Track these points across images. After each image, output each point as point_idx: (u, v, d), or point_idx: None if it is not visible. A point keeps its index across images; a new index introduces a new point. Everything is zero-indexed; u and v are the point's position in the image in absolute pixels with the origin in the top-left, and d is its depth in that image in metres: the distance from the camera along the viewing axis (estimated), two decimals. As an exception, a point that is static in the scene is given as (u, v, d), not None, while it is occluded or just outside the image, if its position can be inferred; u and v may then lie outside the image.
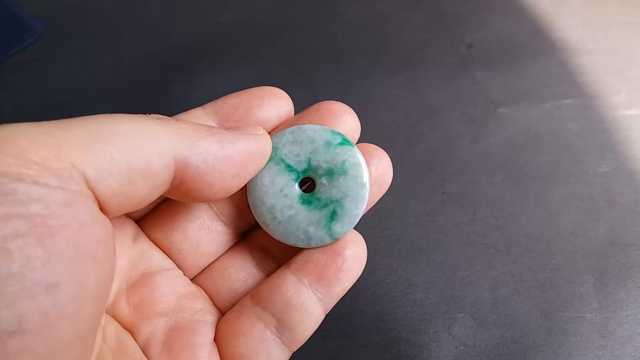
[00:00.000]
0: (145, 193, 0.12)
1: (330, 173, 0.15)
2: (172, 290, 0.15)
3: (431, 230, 0.24)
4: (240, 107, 0.15)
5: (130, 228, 0.16)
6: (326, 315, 0.14)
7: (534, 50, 0.31)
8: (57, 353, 0.10)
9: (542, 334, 0.21)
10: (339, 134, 0.15)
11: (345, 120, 0.16)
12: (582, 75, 0.29)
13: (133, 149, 0.11)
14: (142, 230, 0.16)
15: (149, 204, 0.14)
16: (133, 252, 0.15)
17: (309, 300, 0.14)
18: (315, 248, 0.15)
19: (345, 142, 0.15)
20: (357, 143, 0.16)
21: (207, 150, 0.13)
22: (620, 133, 0.27)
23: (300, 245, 0.15)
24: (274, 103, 0.16)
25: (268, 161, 0.15)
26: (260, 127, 0.15)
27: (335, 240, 0.15)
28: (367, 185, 0.15)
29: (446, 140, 0.28)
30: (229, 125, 0.15)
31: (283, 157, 0.15)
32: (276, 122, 0.16)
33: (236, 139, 0.13)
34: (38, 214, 0.09)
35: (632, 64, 0.30)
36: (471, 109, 0.29)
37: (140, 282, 0.15)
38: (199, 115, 0.15)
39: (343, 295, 0.15)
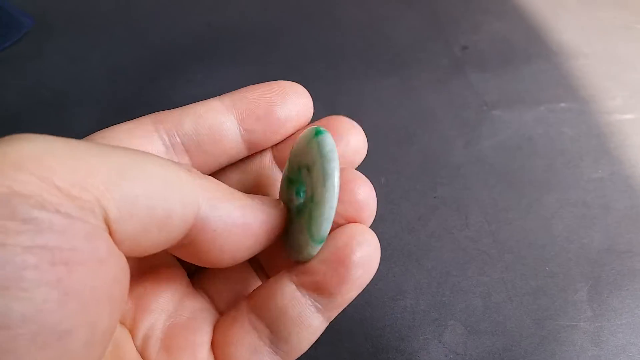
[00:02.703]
0: (154, 243, 0.11)
1: (308, 170, 0.14)
2: (175, 286, 0.14)
3: (422, 235, 0.24)
4: (261, 104, 0.14)
5: None
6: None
7: (529, 53, 0.31)
8: None
9: (534, 343, 0.20)
10: (316, 127, 0.14)
11: (348, 139, 0.15)
12: (578, 79, 0.29)
13: (158, 196, 0.11)
14: None
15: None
16: None
17: (306, 311, 0.13)
18: (322, 253, 0.13)
19: (318, 132, 0.14)
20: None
21: (228, 215, 0.12)
22: (615, 138, 0.26)
23: (301, 259, 0.14)
24: (295, 100, 0.15)
25: None
26: (280, 201, 0.14)
27: (321, 243, 0.13)
28: (335, 172, 0.13)
29: (439, 143, 0.27)
30: (249, 122, 0.15)
31: (286, 172, 0.14)
32: (296, 121, 0.15)
33: (259, 209, 0.13)
34: (58, 248, 0.09)
35: (628, 68, 0.30)
36: (465, 111, 0.28)
37: (143, 276, 0.14)
38: (216, 107, 0.14)
39: (349, 303, 0.13)
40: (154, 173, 0.11)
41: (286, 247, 0.14)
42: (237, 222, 0.12)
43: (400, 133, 0.28)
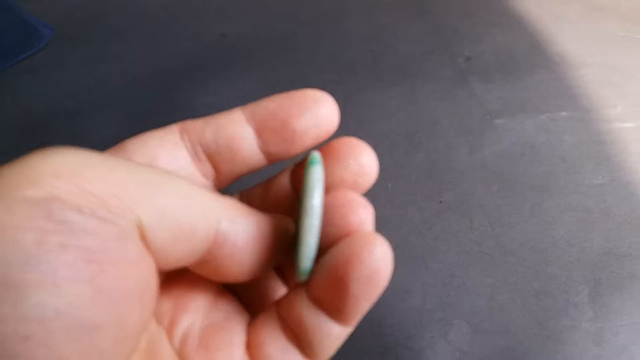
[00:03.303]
0: (181, 256, 0.12)
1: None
2: (208, 289, 0.15)
3: (428, 237, 0.25)
4: (278, 115, 0.14)
5: None
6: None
7: (531, 64, 0.32)
8: None
9: (537, 342, 0.21)
10: (312, 156, 0.14)
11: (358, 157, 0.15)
12: (579, 88, 0.30)
13: (185, 210, 0.11)
14: None
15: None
16: None
17: (322, 322, 0.13)
18: (321, 267, 0.13)
19: (310, 163, 0.13)
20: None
21: (246, 230, 0.13)
22: (615, 145, 0.27)
23: (299, 281, 0.14)
24: (315, 110, 0.14)
25: None
26: (292, 220, 0.14)
27: (305, 274, 0.13)
28: (313, 210, 0.12)
29: (444, 150, 0.28)
30: (266, 134, 0.15)
31: None
32: (316, 131, 0.15)
33: (272, 226, 0.13)
34: (90, 248, 0.09)
35: (628, 78, 0.31)
36: (468, 120, 0.29)
37: (179, 277, 0.15)
38: (236, 117, 0.15)
39: (366, 312, 0.14)
40: (180, 189, 0.11)
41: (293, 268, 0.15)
42: (254, 236, 0.13)
43: (406, 140, 0.29)
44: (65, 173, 0.10)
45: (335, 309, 0.13)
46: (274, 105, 0.15)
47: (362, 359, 0.21)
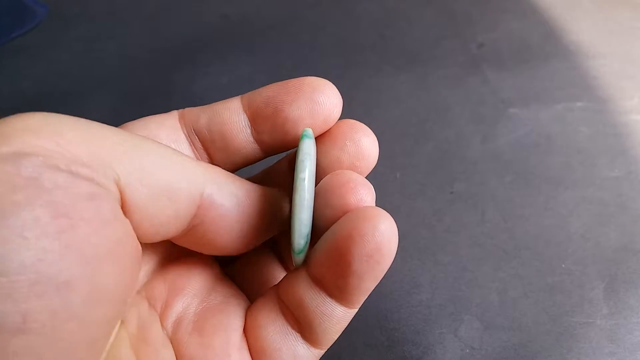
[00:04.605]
0: (166, 220, 0.11)
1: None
2: (207, 273, 0.14)
3: (438, 229, 0.24)
4: (271, 103, 0.14)
5: None
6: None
7: (546, 52, 0.30)
8: (61, 356, 0.09)
9: (550, 339, 0.20)
10: (304, 131, 0.13)
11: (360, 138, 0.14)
12: (595, 78, 0.29)
13: (166, 169, 0.11)
14: None
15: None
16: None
17: (324, 302, 0.12)
18: (321, 244, 0.12)
19: (302, 137, 0.13)
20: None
21: (233, 194, 0.12)
22: (632, 137, 0.26)
23: (295, 265, 0.14)
24: (310, 98, 0.13)
25: None
26: (286, 195, 0.14)
27: (300, 254, 0.12)
28: (303, 183, 0.12)
29: (455, 139, 0.27)
30: (259, 121, 0.14)
31: None
32: (310, 121, 0.14)
33: (262, 194, 0.13)
34: (61, 203, 0.09)
35: (644, 69, 0.30)
36: (481, 108, 0.28)
37: (177, 262, 0.14)
38: (233, 105, 0.14)
39: (370, 291, 0.12)
40: (161, 152, 0.11)
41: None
42: (242, 202, 0.12)
43: (416, 129, 0.28)
44: (41, 131, 0.09)
45: (337, 289, 0.12)
46: (268, 92, 0.14)
47: (368, 354, 0.21)
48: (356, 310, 0.13)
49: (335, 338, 0.13)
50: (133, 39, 0.34)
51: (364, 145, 0.14)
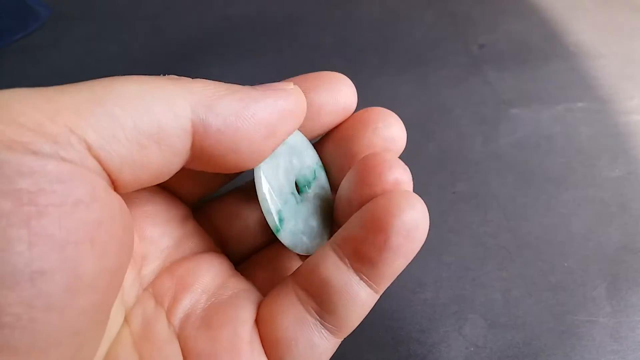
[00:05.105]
0: (163, 161, 0.11)
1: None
2: (219, 269, 0.14)
3: (442, 229, 0.24)
4: None
5: (180, 209, 0.15)
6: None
7: (547, 53, 0.31)
8: (42, 350, 0.08)
9: (554, 337, 0.21)
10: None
11: (378, 129, 0.14)
12: (595, 79, 0.29)
13: (142, 111, 0.10)
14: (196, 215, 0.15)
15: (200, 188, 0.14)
16: (180, 232, 0.14)
17: (351, 281, 0.12)
18: (356, 218, 0.12)
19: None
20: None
21: (228, 110, 0.11)
22: (633, 138, 0.27)
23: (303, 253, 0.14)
24: (331, 86, 0.14)
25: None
26: (291, 82, 0.13)
27: (277, 231, 0.14)
28: (261, 165, 0.14)
29: (457, 140, 0.27)
30: None
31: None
32: (332, 109, 0.14)
33: (262, 95, 0.12)
34: (26, 190, 0.08)
35: (644, 70, 0.30)
36: (482, 109, 0.28)
37: (186, 258, 0.14)
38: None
39: (398, 274, 0.12)
40: (131, 91, 0.10)
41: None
42: (241, 114, 0.11)
43: (417, 129, 0.28)
44: None
45: (369, 263, 0.12)
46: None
47: (374, 353, 0.21)
48: (378, 296, 0.13)
49: (354, 326, 0.13)
50: (135, 40, 0.34)
51: (395, 128, 0.14)
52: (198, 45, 0.33)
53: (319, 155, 0.16)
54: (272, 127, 0.12)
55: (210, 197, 0.17)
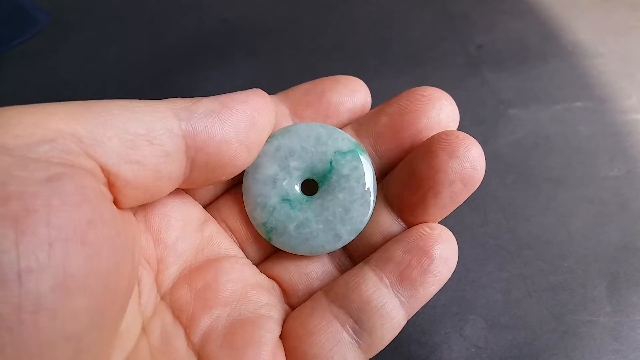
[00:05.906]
0: (157, 160, 0.11)
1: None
2: (240, 277, 0.14)
3: (441, 230, 0.24)
4: (312, 92, 0.15)
5: (196, 211, 0.15)
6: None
7: (545, 53, 0.31)
8: (33, 354, 0.08)
9: (554, 337, 0.21)
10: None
11: (440, 105, 0.15)
12: (593, 78, 0.29)
13: (128, 116, 0.11)
14: (212, 215, 0.15)
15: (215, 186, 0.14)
16: (199, 236, 0.14)
17: (390, 302, 0.13)
18: (398, 244, 0.13)
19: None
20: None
21: (207, 109, 0.12)
22: (631, 137, 0.27)
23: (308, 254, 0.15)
24: (349, 87, 0.15)
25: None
26: (259, 89, 0.14)
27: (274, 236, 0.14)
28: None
29: (456, 141, 0.27)
30: (300, 109, 0.15)
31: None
32: (351, 106, 0.15)
33: (232, 95, 0.13)
34: (14, 192, 0.08)
35: (642, 68, 0.30)
36: (481, 109, 0.28)
37: (205, 266, 0.14)
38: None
39: (429, 299, 0.13)
40: (116, 106, 0.11)
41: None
42: (220, 111, 0.12)
43: (417, 130, 0.28)
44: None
45: (411, 285, 0.13)
46: (306, 86, 0.15)
47: (375, 354, 0.21)
48: (405, 322, 0.13)
49: (384, 347, 0.13)
50: (134, 44, 0.34)
51: (451, 110, 0.16)
52: (197, 48, 0.34)
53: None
54: (251, 118, 0.13)
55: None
